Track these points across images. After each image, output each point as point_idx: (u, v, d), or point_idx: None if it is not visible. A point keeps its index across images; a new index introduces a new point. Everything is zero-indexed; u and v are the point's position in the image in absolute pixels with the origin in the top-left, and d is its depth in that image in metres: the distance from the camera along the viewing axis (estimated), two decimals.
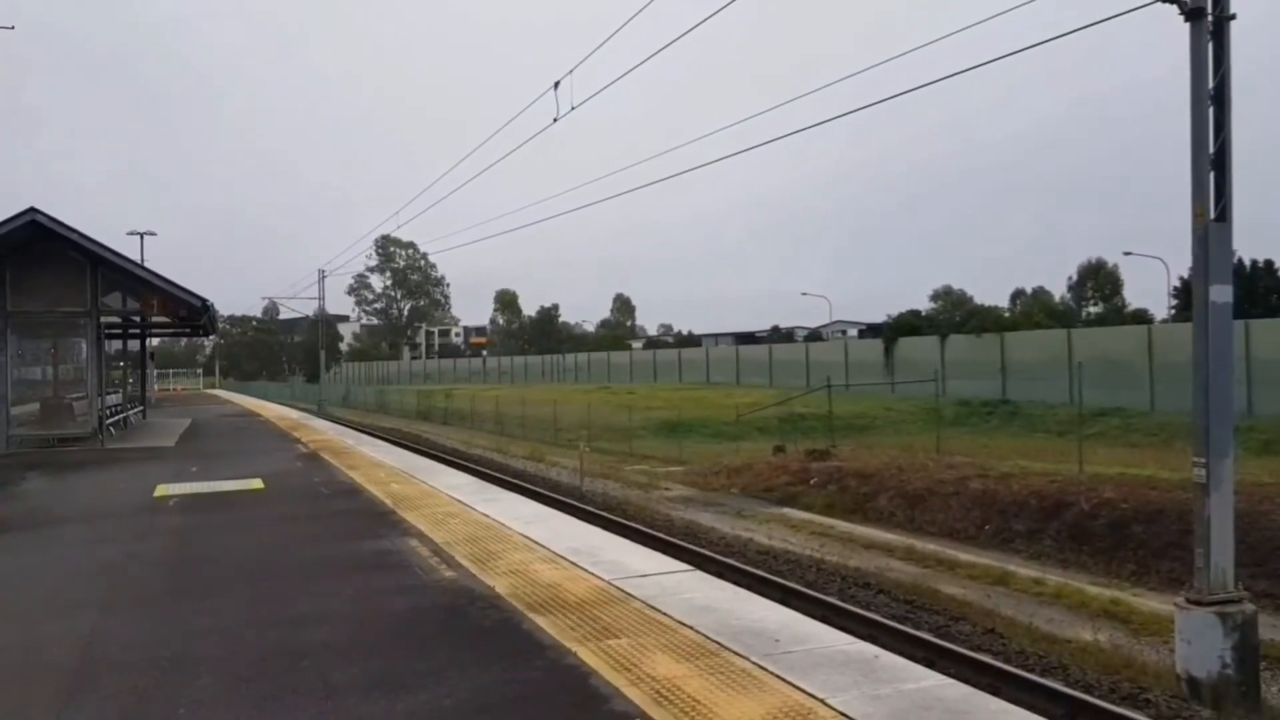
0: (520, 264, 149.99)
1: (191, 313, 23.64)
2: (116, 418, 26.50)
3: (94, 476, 16.59)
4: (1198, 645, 7.74)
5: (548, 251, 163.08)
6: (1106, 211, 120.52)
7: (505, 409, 42.34)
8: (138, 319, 26.56)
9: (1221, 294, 8.12)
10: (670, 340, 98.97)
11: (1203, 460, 8.00)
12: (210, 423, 31.61)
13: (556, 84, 16.50)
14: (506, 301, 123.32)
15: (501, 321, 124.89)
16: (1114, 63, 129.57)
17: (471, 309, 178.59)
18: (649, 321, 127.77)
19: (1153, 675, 9.11)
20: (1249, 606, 7.95)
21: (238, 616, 6.65)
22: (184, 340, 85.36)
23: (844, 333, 76.21)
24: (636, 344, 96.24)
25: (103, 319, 23.06)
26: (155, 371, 63.68)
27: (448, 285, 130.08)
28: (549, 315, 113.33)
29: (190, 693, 5.09)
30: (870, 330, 65.32)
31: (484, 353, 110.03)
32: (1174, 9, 8.22)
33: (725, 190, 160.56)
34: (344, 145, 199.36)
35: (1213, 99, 8.23)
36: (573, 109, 16.53)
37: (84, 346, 23.45)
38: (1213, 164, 8.22)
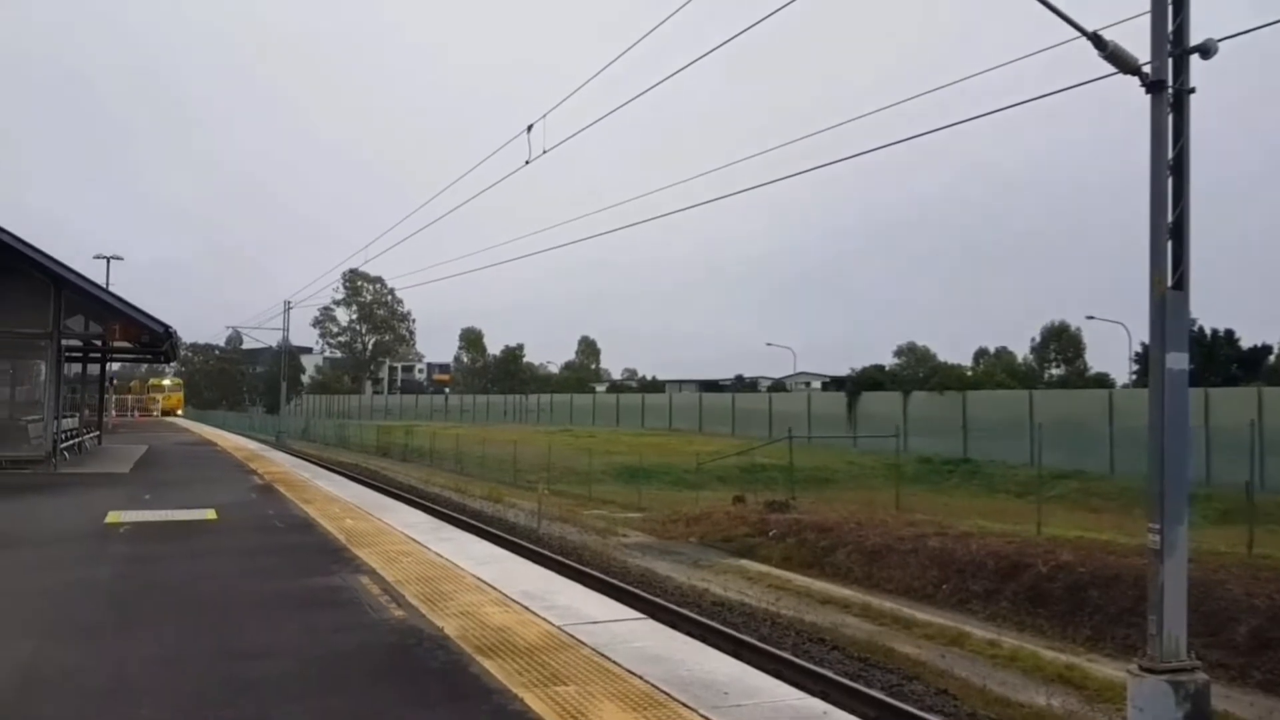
0: (487, 303, 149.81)
1: (153, 338, 23.36)
2: (71, 442, 25.99)
3: (45, 501, 16.21)
4: (1150, 714, 7.72)
5: (515, 291, 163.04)
6: (1071, 274, 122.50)
7: (466, 448, 42.03)
8: (99, 343, 26.20)
9: (1178, 361, 8.20)
10: (634, 385, 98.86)
11: (1157, 526, 8.03)
12: (166, 451, 31.07)
13: (530, 127, 16.63)
14: (471, 340, 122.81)
15: (466, 359, 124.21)
16: (1079, 126, 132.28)
17: (436, 346, 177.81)
18: (614, 365, 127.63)
19: None
20: (1201, 676, 7.97)
21: (183, 648, 6.49)
22: (144, 366, 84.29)
23: (807, 384, 76.43)
24: (600, 387, 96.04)
25: (64, 342, 22.73)
26: (114, 397, 62.70)
27: (413, 321, 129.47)
28: (513, 355, 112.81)
29: None
30: (834, 383, 65.55)
31: (447, 390, 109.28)
32: (1135, 80, 8.41)
33: (695, 238, 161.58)
34: (318, 176, 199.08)
35: (1172, 169, 8.37)
36: (545, 152, 16.65)
37: (43, 368, 23.05)
38: (1171, 232, 8.33)
